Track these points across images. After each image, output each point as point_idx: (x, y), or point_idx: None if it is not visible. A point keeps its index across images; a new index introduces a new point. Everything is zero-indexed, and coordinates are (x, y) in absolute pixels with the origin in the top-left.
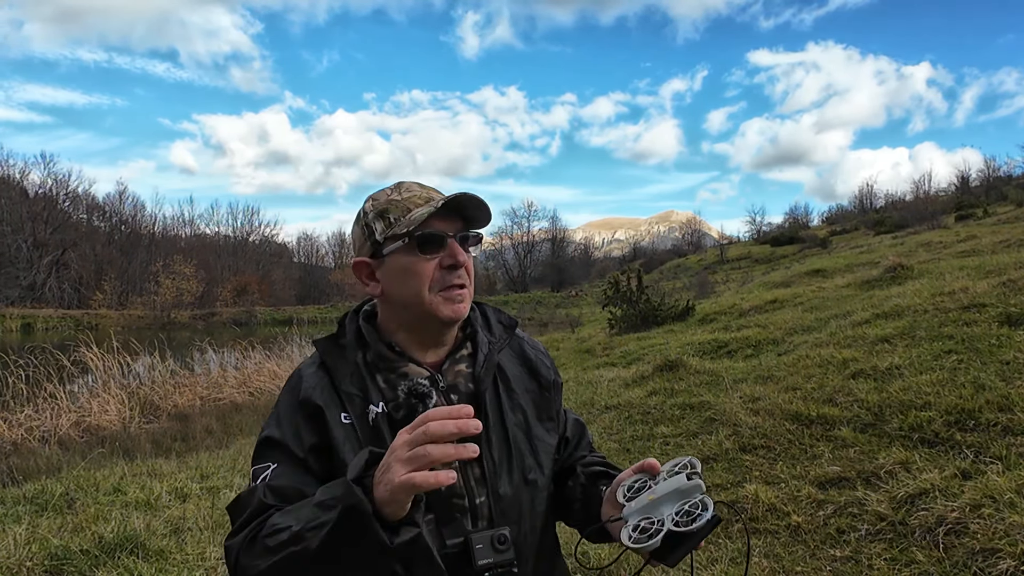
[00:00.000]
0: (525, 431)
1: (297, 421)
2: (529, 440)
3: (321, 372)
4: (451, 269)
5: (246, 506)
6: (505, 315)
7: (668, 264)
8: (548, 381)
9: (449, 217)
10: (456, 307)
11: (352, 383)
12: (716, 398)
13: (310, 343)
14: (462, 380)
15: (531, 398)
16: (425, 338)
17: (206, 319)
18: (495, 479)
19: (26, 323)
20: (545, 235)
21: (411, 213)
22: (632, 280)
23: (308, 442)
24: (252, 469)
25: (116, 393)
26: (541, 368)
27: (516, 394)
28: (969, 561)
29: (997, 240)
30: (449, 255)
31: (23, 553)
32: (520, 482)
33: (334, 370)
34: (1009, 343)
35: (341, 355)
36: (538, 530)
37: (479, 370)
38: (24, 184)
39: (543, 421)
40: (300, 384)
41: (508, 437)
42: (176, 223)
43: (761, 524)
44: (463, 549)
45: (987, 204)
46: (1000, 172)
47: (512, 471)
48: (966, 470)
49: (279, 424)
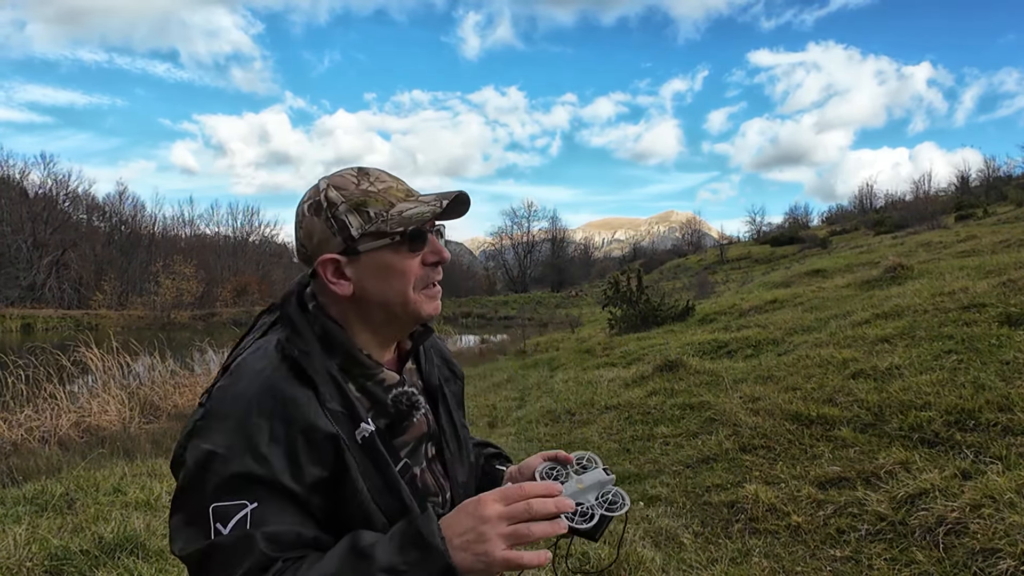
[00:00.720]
0: (459, 418)
1: (295, 453)
2: (463, 426)
3: (306, 389)
4: (434, 266)
5: (234, 558)
6: None
7: (668, 264)
8: (460, 372)
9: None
10: (436, 304)
11: (334, 399)
12: (716, 398)
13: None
14: (415, 379)
15: (450, 388)
16: (390, 339)
17: (206, 319)
18: (455, 471)
19: (26, 323)
20: (545, 235)
21: (398, 208)
22: (632, 280)
23: (312, 478)
24: (212, 508)
25: (116, 393)
26: (451, 358)
27: (446, 384)
28: (969, 561)
29: (997, 240)
30: (433, 251)
31: (23, 553)
32: (468, 468)
33: (319, 385)
34: (1009, 343)
35: (312, 363)
36: None
37: (424, 366)
38: (24, 184)
39: (460, 408)
40: (288, 405)
41: (456, 428)
42: (176, 223)
43: (761, 524)
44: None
45: (987, 204)
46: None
47: (463, 460)
48: (966, 470)
49: (256, 455)
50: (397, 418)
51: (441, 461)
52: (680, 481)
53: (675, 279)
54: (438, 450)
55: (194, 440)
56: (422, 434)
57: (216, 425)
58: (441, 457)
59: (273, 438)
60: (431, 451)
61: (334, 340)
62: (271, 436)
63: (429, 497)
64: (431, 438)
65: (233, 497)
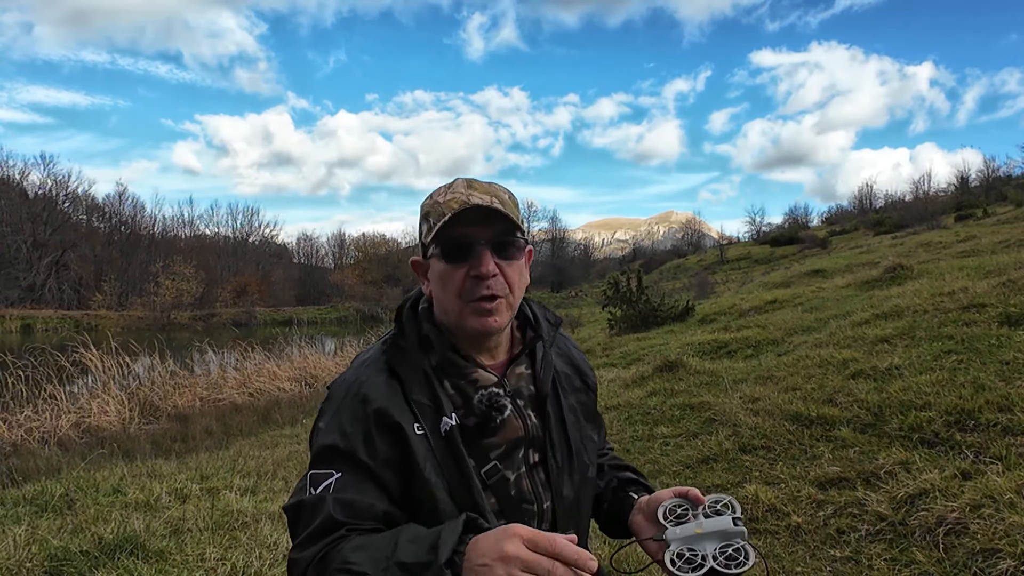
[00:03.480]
0: (579, 430)
1: (369, 431)
2: (583, 439)
3: (392, 380)
4: (477, 280)
5: (311, 516)
6: (551, 313)
7: (668, 264)
8: (592, 382)
9: (481, 222)
10: (484, 320)
11: (422, 392)
12: (716, 398)
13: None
14: (524, 383)
15: (578, 398)
16: (476, 342)
17: (206, 320)
18: (559, 482)
19: (26, 324)
20: (545, 235)
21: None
22: (632, 280)
23: (384, 455)
24: (310, 473)
25: (116, 394)
26: (585, 368)
27: (568, 393)
28: (969, 561)
29: (997, 240)
30: (475, 265)
31: (23, 554)
32: (580, 482)
33: (405, 379)
34: (1009, 343)
35: (406, 359)
36: (588, 528)
37: (539, 371)
38: (24, 185)
39: (588, 420)
40: (368, 392)
41: (568, 438)
42: (176, 224)
43: (761, 524)
44: None
45: (987, 204)
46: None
47: (573, 472)
48: (966, 470)
49: (342, 432)
50: (484, 418)
51: (545, 470)
52: (680, 482)
53: (675, 279)
54: (542, 458)
55: (316, 420)
56: (517, 438)
57: (326, 407)
58: (545, 466)
59: (355, 418)
60: (533, 457)
61: (431, 340)
62: (353, 416)
63: (523, 504)
64: (532, 444)
65: (324, 466)
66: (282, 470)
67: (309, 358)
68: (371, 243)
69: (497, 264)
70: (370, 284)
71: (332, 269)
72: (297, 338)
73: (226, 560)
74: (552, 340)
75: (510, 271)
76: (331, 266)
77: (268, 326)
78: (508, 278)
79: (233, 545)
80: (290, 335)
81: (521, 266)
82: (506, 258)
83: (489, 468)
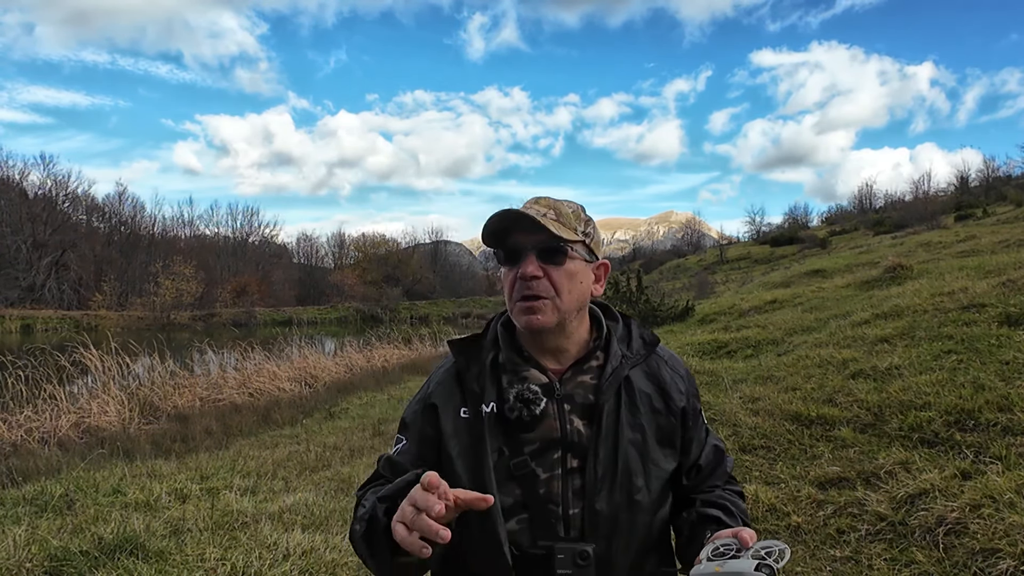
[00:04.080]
0: (640, 451)
1: (420, 412)
2: (643, 461)
3: (451, 371)
4: (521, 281)
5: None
6: (649, 332)
7: (668, 264)
8: (677, 407)
9: (531, 231)
10: (527, 318)
11: (477, 381)
12: (716, 398)
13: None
14: (581, 391)
15: (656, 420)
16: (538, 345)
17: (206, 320)
18: (593, 493)
19: (25, 324)
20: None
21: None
22: (632, 280)
23: (423, 433)
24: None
25: (116, 394)
26: (673, 392)
27: (640, 412)
28: (969, 561)
29: (996, 240)
30: (521, 268)
31: (23, 554)
32: (623, 501)
33: (464, 369)
34: (1009, 343)
35: (476, 353)
36: (633, 551)
37: (603, 382)
38: (24, 185)
39: (663, 446)
40: (430, 383)
41: (617, 454)
42: (176, 224)
43: (761, 524)
44: (546, 555)
45: (986, 204)
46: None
47: (615, 488)
48: (966, 470)
49: (412, 409)
50: (520, 409)
51: (582, 479)
52: None
53: (675, 279)
54: (581, 466)
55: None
56: (552, 439)
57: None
58: (583, 474)
59: (421, 399)
60: (571, 463)
61: (499, 338)
62: (418, 399)
63: (549, 504)
64: (570, 449)
65: (399, 432)
66: (282, 470)
67: (309, 358)
68: (371, 243)
69: (543, 268)
70: (370, 284)
71: (332, 269)
72: (297, 338)
73: (226, 560)
74: (641, 359)
75: (556, 275)
76: (331, 266)
77: (268, 326)
78: (554, 282)
79: (233, 545)
80: (290, 335)
81: (572, 272)
82: (552, 264)
83: (519, 461)
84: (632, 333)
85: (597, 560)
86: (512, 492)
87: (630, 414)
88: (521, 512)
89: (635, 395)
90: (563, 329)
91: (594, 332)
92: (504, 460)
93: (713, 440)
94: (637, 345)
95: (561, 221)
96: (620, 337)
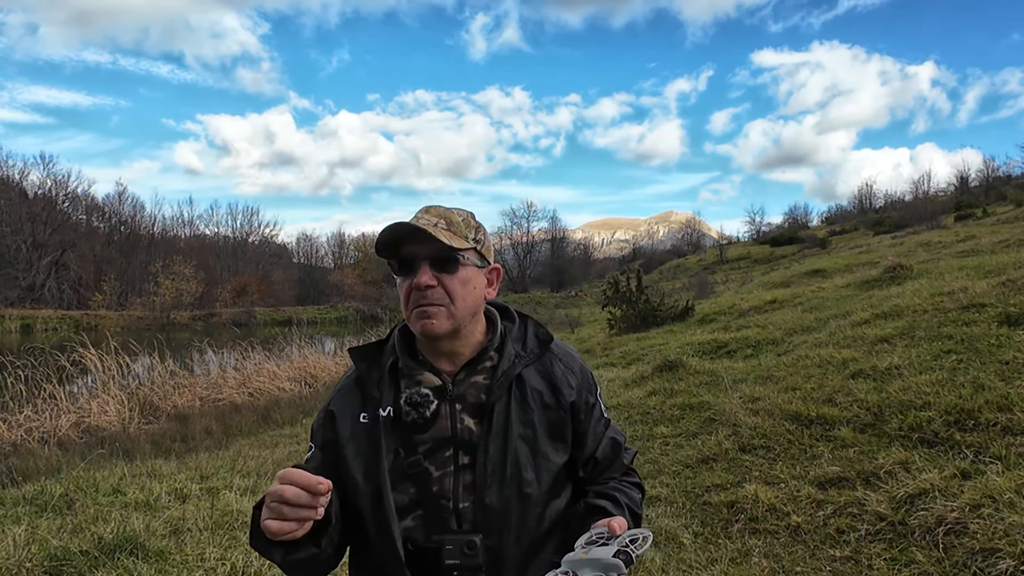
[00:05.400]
0: (531, 446)
1: (323, 420)
2: (533, 455)
3: (353, 377)
4: (415, 290)
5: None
6: (544, 331)
7: (668, 264)
8: (567, 401)
9: (423, 240)
10: (423, 323)
11: (377, 386)
12: (716, 398)
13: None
14: (474, 391)
15: (547, 415)
16: (432, 349)
17: (206, 320)
18: (483, 488)
19: (25, 324)
20: (545, 235)
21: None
22: (632, 280)
23: (325, 439)
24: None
25: (116, 394)
26: (563, 387)
27: (531, 409)
28: (969, 561)
29: (996, 240)
30: (415, 276)
31: (23, 554)
32: (513, 494)
33: (365, 376)
34: (1009, 343)
35: (376, 360)
36: (526, 543)
37: (494, 382)
38: (23, 185)
39: (553, 439)
40: (335, 391)
41: (507, 450)
42: (175, 224)
43: (761, 524)
44: (437, 547)
45: (986, 204)
46: (999, 172)
47: (504, 482)
48: (966, 470)
49: (317, 419)
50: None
51: (473, 474)
52: (680, 481)
53: (675, 279)
54: (472, 462)
55: None
56: (444, 437)
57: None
58: (473, 470)
59: (324, 408)
60: (463, 460)
61: (394, 343)
62: (325, 405)
63: (441, 500)
64: (461, 446)
65: (311, 440)
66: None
67: (309, 358)
68: (371, 243)
69: (437, 276)
70: (370, 284)
71: (332, 269)
72: (297, 338)
73: (226, 560)
74: (534, 357)
75: (451, 283)
76: (331, 266)
77: (268, 326)
78: (449, 289)
79: (233, 545)
80: (290, 335)
81: (465, 279)
82: (446, 272)
83: (413, 460)
84: (528, 332)
85: (487, 551)
86: (407, 491)
87: (521, 411)
88: (416, 509)
89: (527, 392)
90: (457, 333)
91: (489, 333)
92: (400, 461)
93: (612, 433)
94: (532, 344)
95: (452, 230)
96: (516, 337)
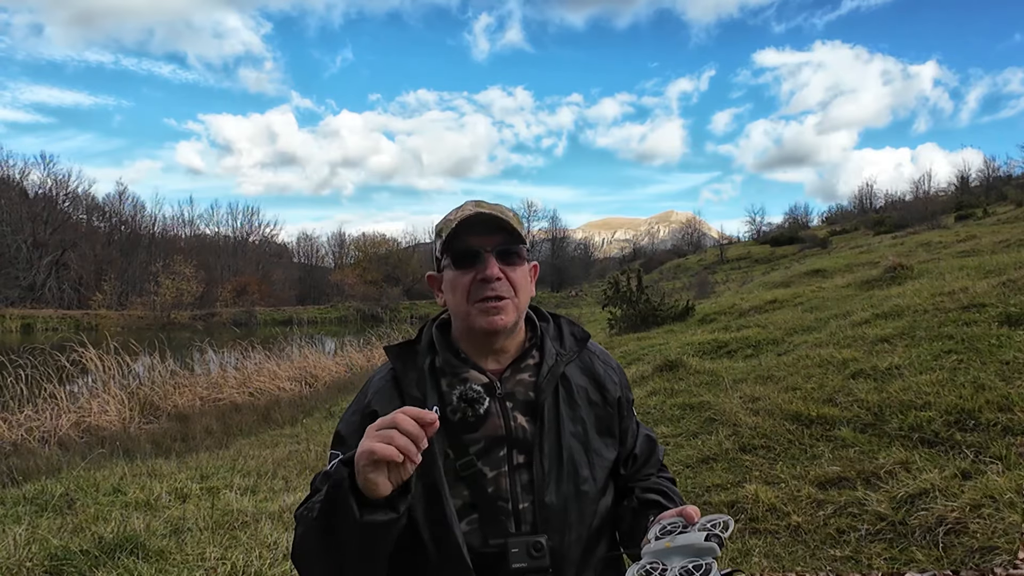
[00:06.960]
0: (583, 443)
1: (360, 422)
2: (586, 452)
3: (389, 378)
4: (483, 283)
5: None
6: (579, 328)
7: (668, 264)
8: (613, 398)
9: (487, 233)
10: (491, 319)
11: (416, 387)
12: (716, 398)
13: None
14: (522, 388)
15: (594, 412)
16: (481, 346)
17: (206, 319)
18: (542, 487)
19: (26, 324)
20: (545, 235)
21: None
22: (632, 280)
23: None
24: (329, 452)
25: (116, 393)
26: (608, 383)
27: (579, 406)
28: (968, 560)
29: (997, 240)
30: (481, 269)
31: (23, 553)
32: (570, 492)
33: (402, 375)
34: (1009, 343)
35: (412, 360)
36: (584, 540)
37: (541, 380)
38: (24, 184)
39: (603, 435)
40: (368, 391)
41: (562, 448)
42: (176, 223)
43: (761, 524)
44: (500, 551)
45: (987, 204)
46: (1000, 172)
47: (562, 481)
48: (966, 470)
49: (347, 423)
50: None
51: (529, 473)
52: (680, 481)
53: (675, 279)
54: (528, 461)
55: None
56: (498, 436)
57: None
58: (530, 469)
59: (354, 412)
60: (517, 459)
61: (434, 342)
62: (354, 410)
63: (498, 501)
64: (515, 445)
65: (333, 447)
66: (282, 469)
67: (309, 358)
68: (371, 243)
69: (502, 269)
70: (370, 284)
71: (332, 269)
72: (297, 338)
73: (226, 559)
74: (574, 355)
75: (515, 276)
76: (331, 266)
77: (268, 326)
78: (513, 282)
79: (233, 544)
80: (290, 335)
81: (526, 272)
82: (510, 264)
83: (465, 461)
84: (563, 331)
85: (551, 551)
86: (460, 494)
87: (569, 408)
88: (471, 513)
89: (572, 390)
90: (515, 328)
91: (528, 332)
92: (450, 463)
93: (644, 430)
94: (569, 342)
95: (512, 224)
96: (552, 336)
